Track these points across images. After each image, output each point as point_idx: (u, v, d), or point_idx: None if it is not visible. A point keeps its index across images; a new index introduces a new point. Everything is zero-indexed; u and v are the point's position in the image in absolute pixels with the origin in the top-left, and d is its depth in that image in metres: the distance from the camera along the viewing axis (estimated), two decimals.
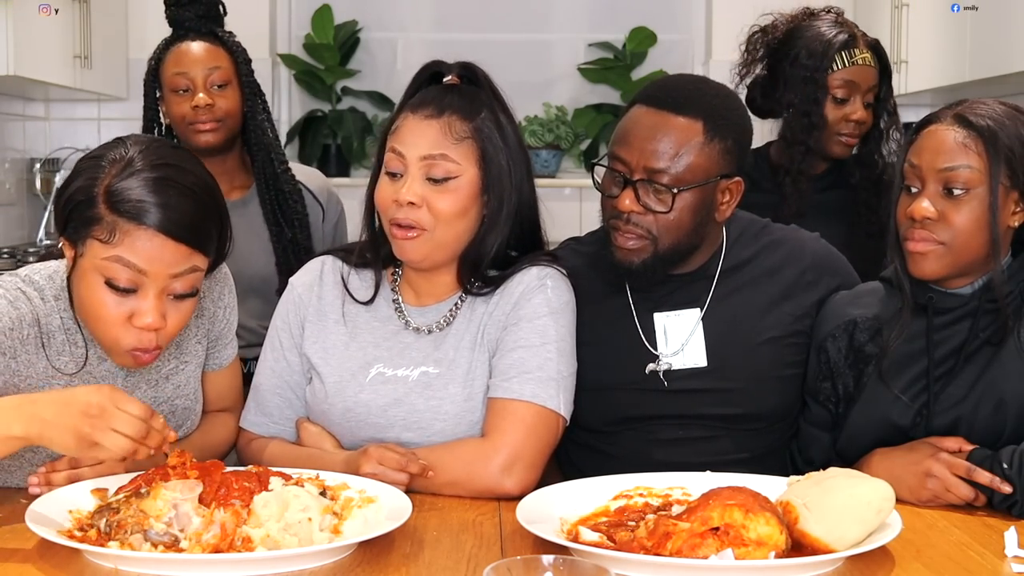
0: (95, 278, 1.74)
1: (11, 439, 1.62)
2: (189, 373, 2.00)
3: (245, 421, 2.10)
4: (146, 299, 1.74)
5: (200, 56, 2.83)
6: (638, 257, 2.01)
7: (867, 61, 2.72)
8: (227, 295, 2.06)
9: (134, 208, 1.71)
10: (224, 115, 2.83)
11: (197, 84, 2.81)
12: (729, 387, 2.06)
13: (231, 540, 1.54)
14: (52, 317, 1.84)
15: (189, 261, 1.76)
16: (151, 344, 1.78)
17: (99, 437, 1.58)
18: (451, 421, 1.95)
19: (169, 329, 1.79)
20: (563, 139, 5.15)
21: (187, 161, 1.81)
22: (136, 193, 1.71)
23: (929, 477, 1.82)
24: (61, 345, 1.85)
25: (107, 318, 1.75)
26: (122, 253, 1.72)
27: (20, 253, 4.22)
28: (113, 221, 1.72)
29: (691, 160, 1.96)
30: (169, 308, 1.77)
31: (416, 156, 1.93)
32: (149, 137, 1.89)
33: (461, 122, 1.94)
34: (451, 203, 1.93)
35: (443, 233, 1.94)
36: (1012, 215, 1.90)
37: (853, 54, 2.70)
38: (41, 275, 1.87)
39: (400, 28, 5.29)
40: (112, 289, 1.74)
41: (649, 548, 1.52)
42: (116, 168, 1.74)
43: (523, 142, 2.03)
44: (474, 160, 1.94)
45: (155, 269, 1.73)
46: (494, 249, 1.98)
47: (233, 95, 2.85)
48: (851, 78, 2.70)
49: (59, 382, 1.84)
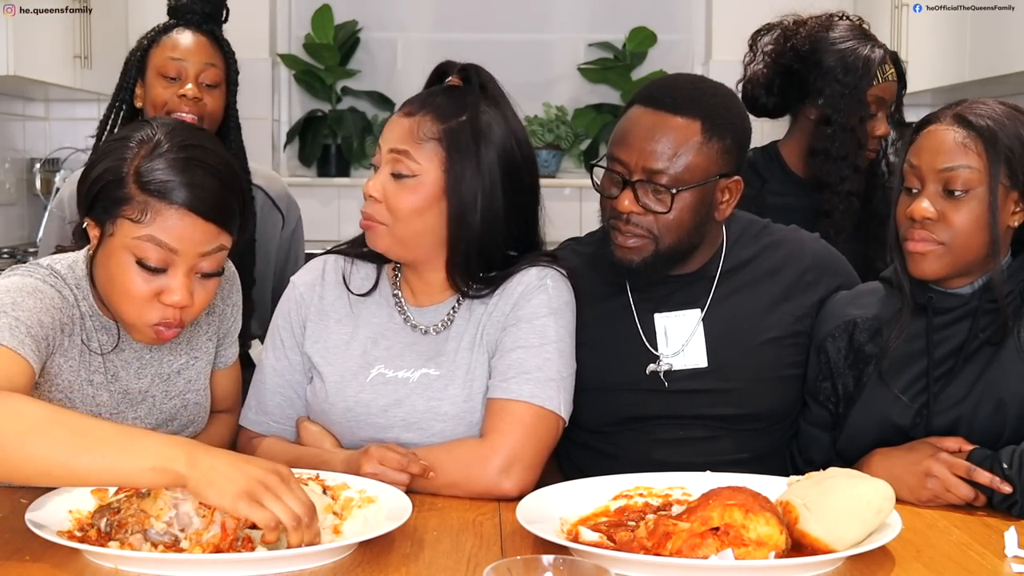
0: (126, 257, 1.77)
1: (162, 472, 1.52)
2: (200, 369, 2.01)
3: (245, 420, 2.10)
4: (176, 277, 1.78)
5: (198, 49, 2.73)
6: (638, 256, 2.01)
7: (893, 76, 2.75)
8: (235, 294, 2.08)
9: (164, 187, 1.75)
10: (206, 114, 2.73)
11: (188, 75, 2.70)
12: (729, 387, 2.06)
13: (231, 540, 1.54)
14: (79, 305, 1.86)
15: (217, 240, 1.79)
16: (175, 320, 1.81)
17: (268, 501, 1.51)
18: (451, 422, 1.95)
19: (195, 307, 1.82)
20: (563, 139, 5.15)
21: (210, 141, 1.86)
22: (166, 173, 1.75)
23: (929, 477, 1.82)
24: (90, 331, 1.87)
25: (136, 295, 1.78)
26: (154, 232, 1.75)
27: (20, 253, 4.23)
28: (144, 201, 1.75)
29: (689, 160, 1.96)
30: (196, 286, 1.81)
31: (386, 149, 1.96)
32: (172, 120, 1.92)
33: (433, 123, 1.93)
34: (407, 201, 1.93)
35: (401, 230, 1.95)
36: (1012, 215, 1.90)
37: (884, 70, 2.72)
38: (62, 265, 1.89)
39: (400, 28, 5.29)
40: (143, 268, 1.77)
41: (649, 548, 1.52)
42: (145, 149, 1.78)
43: (519, 147, 1.98)
44: (438, 162, 1.93)
45: (185, 248, 1.76)
46: (474, 255, 1.95)
47: (219, 98, 2.76)
48: (882, 94, 2.72)
49: (88, 365, 1.86)
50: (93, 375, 1.87)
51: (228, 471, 1.52)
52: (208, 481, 1.51)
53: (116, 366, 1.91)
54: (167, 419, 1.96)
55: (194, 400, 2.00)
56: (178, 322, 1.82)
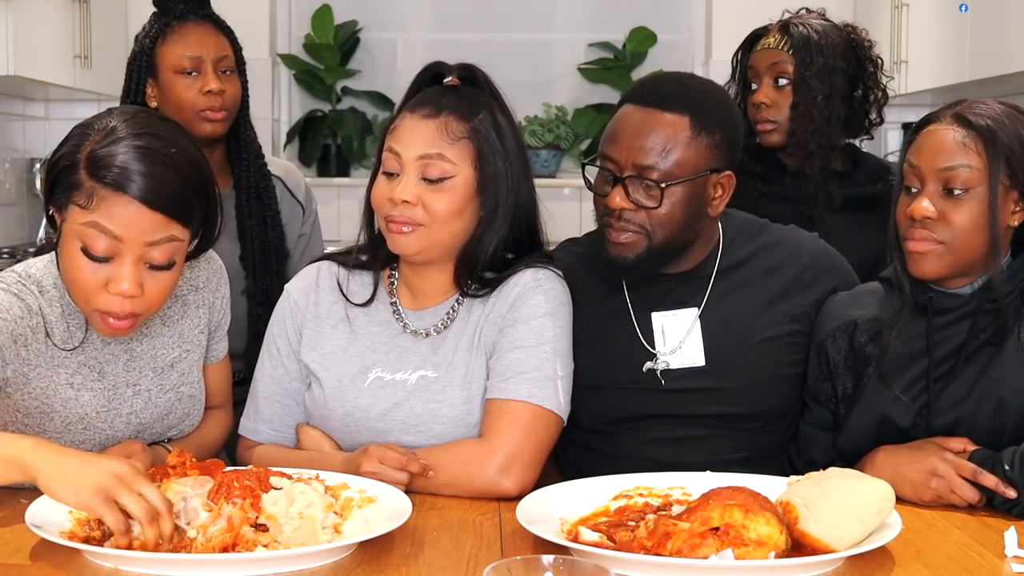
0: (74, 243, 1.76)
1: (12, 464, 1.55)
2: (192, 362, 2.01)
3: (244, 428, 2.10)
4: (123, 266, 1.75)
5: (210, 39, 2.67)
6: (632, 252, 2.01)
7: (773, 44, 2.73)
8: (223, 287, 2.07)
9: (112, 175, 1.72)
10: (231, 103, 2.69)
11: (207, 68, 2.64)
12: (726, 386, 2.06)
13: (236, 534, 1.54)
14: (53, 307, 1.86)
15: (166, 230, 1.76)
16: (123, 311, 1.77)
17: (123, 497, 1.52)
18: (450, 424, 1.95)
19: (148, 299, 1.79)
20: (563, 139, 5.15)
21: (172, 132, 1.81)
22: (116, 160, 1.73)
23: (934, 476, 1.82)
24: (64, 333, 1.86)
25: (84, 283, 1.76)
26: (99, 219, 1.73)
27: (20, 253, 4.23)
28: (92, 187, 1.73)
29: (679, 155, 1.97)
30: (147, 277, 1.77)
31: (412, 156, 1.93)
32: (138, 108, 1.88)
33: (458, 122, 1.94)
34: (446, 203, 1.93)
35: (439, 232, 1.94)
36: (1012, 215, 1.90)
37: (760, 42, 2.75)
38: (37, 268, 1.89)
39: (400, 28, 5.29)
40: (88, 257, 1.75)
41: (649, 548, 1.52)
42: (99, 136, 1.76)
43: (523, 144, 2.02)
44: (470, 160, 1.94)
45: (131, 236, 1.74)
46: (491, 250, 1.98)
47: (237, 83, 2.71)
48: (756, 64, 2.73)
49: (66, 367, 1.85)
50: (73, 376, 1.86)
51: (81, 467, 1.54)
52: (61, 478, 1.53)
53: (101, 362, 1.90)
54: (163, 413, 1.96)
55: (188, 393, 2.00)
56: (127, 314, 1.78)
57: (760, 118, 2.67)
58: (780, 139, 2.68)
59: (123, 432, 1.91)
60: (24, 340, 1.80)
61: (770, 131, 2.67)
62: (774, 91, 2.66)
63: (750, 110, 2.70)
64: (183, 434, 2.00)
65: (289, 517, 1.58)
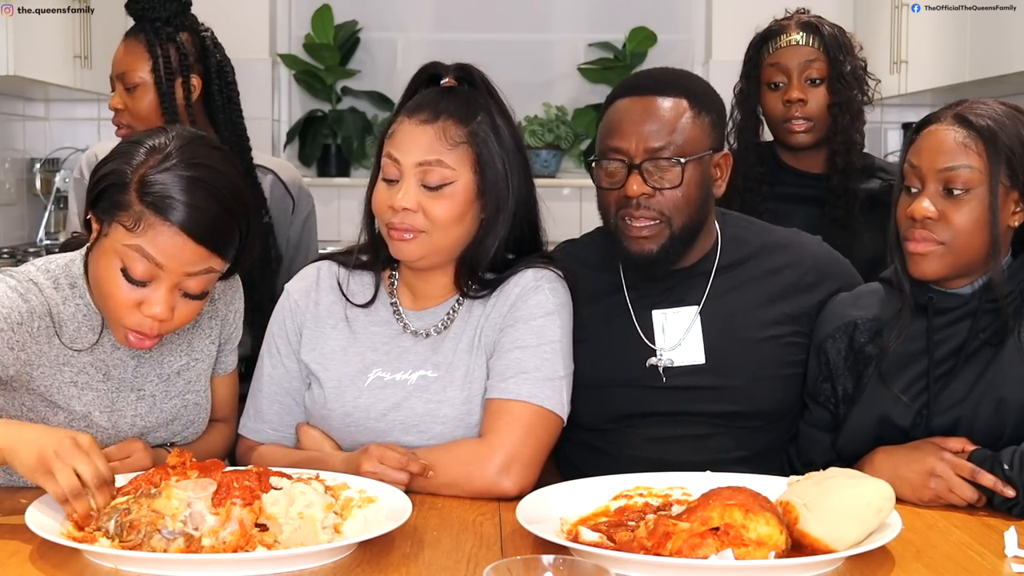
0: (113, 260, 1.77)
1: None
2: (200, 371, 2.01)
3: (244, 428, 2.10)
4: (158, 291, 1.77)
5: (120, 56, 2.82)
6: (656, 243, 2.01)
7: (796, 41, 2.73)
8: (237, 300, 2.08)
9: (163, 203, 1.74)
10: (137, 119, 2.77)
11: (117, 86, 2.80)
12: (726, 384, 2.06)
13: (249, 536, 1.54)
14: (67, 305, 1.86)
15: (206, 262, 1.78)
16: (152, 331, 1.80)
17: (56, 467, 1.58)
18: (450, 424, 1.95)
19: (174, 323, 1.82)
20: (563, 139, 5.15)
21: (223, 163, 1.82)
22: (167, 189, 1.74)
23: (933, 477, 1.82)
24: (75, 332, 1.87)
25: (118, 299, 1.78)
26: (143, 244, 1.75)
27: (20, 253, 4.23)
28: (141, 211, 1.75)
29: (687, 134, 2.00)
30: (179, 303, 1.80)
31: (411, 162, 1.93)
32: (194, 133, 1.89)
33: (456, 127, 1.93)
34: (447, 209, 1.93)
35: (440, 237, 1.94)
36: (1012, 215, 1.90)
37: (778, 40, 2.75)
38: (57, 264, 1.89)
39: (400, 28, 5.29)
40: (126, 278, 1.77)
41: (649, 548, 1.52)
42: (154, 159, 1.77)
43: (522, 144, 2.02)
44: (470, 165, 1.94)
45: (172, 265, 1.76)
46: (492, 251, 1.98)
47: (143, 97, 2.78)
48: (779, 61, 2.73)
49: (72, 366, 1.86)
50: (78, 375, 1.87)
51: (33, 439, 1.60)
52: (12, 452, 1.61)
53: (108, 364, 1.90)
54: (169, 419, 1.96)
55: (194, 401, 2.00)
56: (155, 334, 1.81)
57: (793, 116, 2.65)
58: (813, 138, 2.67)
59: (127, 433, 1.92)
60: (22, 345, 1.80)
61: (805, 130, 2.66)
62: (808, 89, 2.65)
63: (776, 108, 2.68)
64: (187, 441, 2.00)
65: (289, 517, 1.58)
